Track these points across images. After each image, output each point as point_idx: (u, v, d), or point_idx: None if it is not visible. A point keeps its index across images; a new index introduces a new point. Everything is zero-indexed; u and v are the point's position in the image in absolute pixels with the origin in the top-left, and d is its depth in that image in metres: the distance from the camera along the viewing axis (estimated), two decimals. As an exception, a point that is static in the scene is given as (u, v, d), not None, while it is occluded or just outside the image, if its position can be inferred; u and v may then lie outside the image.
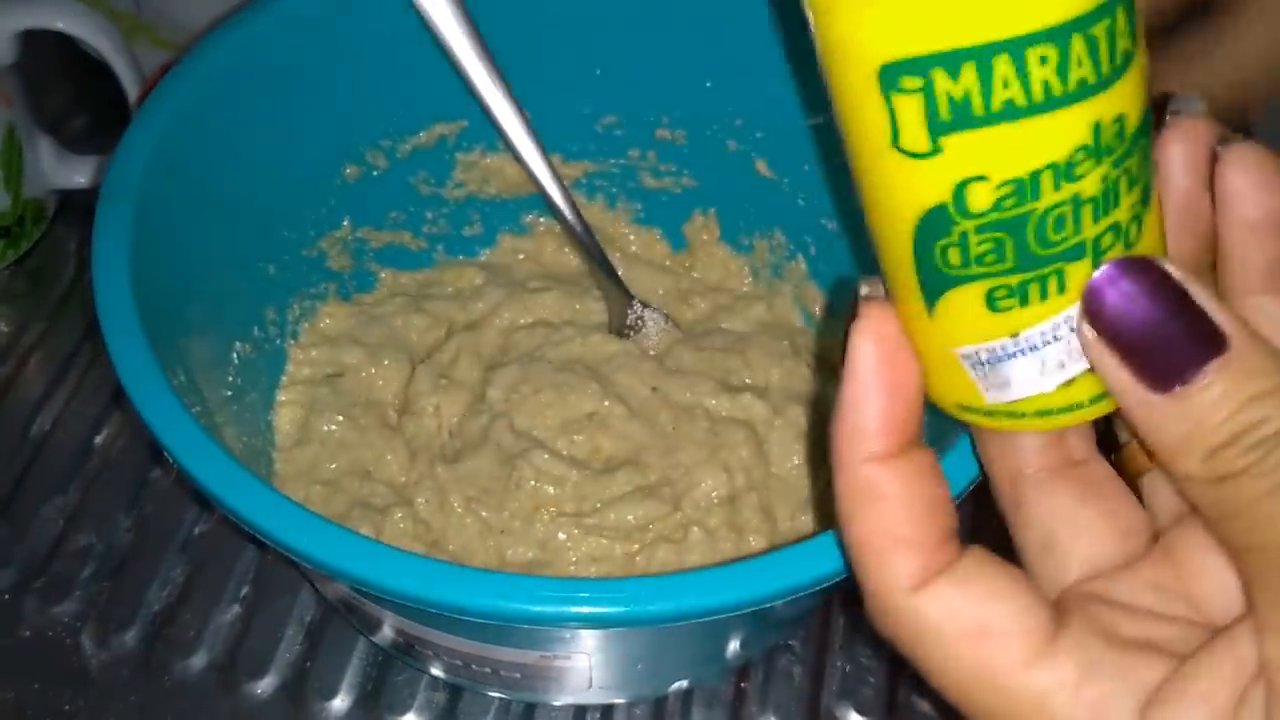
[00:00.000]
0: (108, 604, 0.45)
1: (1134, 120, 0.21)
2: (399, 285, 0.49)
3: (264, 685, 0.43)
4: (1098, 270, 0.21)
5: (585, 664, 0.37)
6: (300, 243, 0.45)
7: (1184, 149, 0.23)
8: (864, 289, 0.23)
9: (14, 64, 0.50)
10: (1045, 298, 0.22)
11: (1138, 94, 0.21)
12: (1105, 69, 0.20)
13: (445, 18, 0.41)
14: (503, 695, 0.42)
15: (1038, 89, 0.20)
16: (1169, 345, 0.20)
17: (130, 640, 0.44)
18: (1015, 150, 0.21)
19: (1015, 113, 0.20)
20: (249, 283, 0.42)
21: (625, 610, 0.27)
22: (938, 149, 0.21)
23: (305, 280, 0.46)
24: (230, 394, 0.40)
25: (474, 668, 0.37)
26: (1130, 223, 0.22)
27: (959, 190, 0.21)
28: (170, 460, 0.30)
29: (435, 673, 0.41)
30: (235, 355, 0.41)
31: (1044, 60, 0.20)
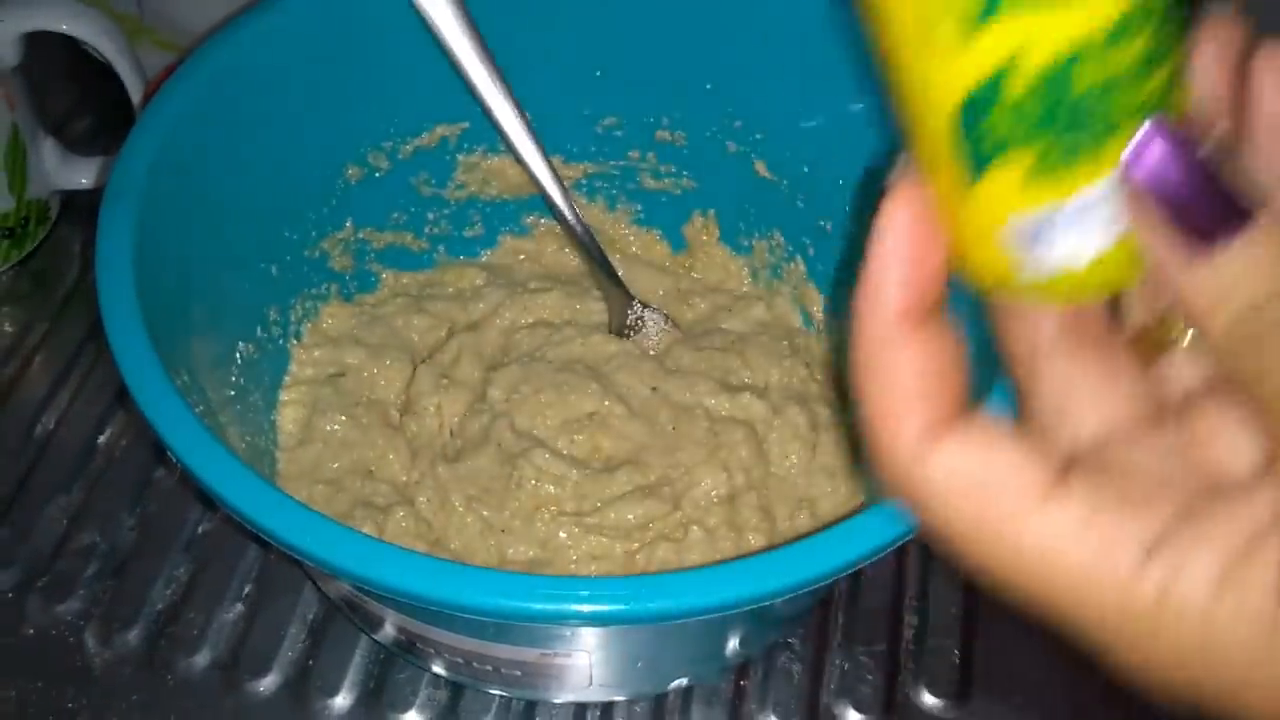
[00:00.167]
0: (111, 603, 0.45)
1: None
2: (400, 286, 0.49)
3: (267, 683, 0.43)
4: (1143, 128, 0.21)
5: (586, 662, 0.37)
6: (302, 243, 0.45)
7: (1216, 47, 0.23)
8: (898, 169, 0.24)
9: (18, 66, 0.50)
10: (1090, 163, 0.22)
11: None
12: None
13: (446, 19, 0.41)
14: (504, 693, 0.42)
15: None
16: (1211, 205, 0.21)
17: (133, 639, 0.44)
18: (1065, 16, 0.21)
19: None
20: (252, 283, 0.43)
21: (625, 608, 0.28)
22: (990, 17, 0.21)
23: (307, 281, 0.46)
24: (233, 394, 0.40)
25: (475, 665, 0.37)
26: (1172, 86, 0.22)
27: (1010, 59, 0.21)
28: (173, 460, 0.30)
29: (437, 670, 0.42)
30: (238, 355, 0.41)
31: None
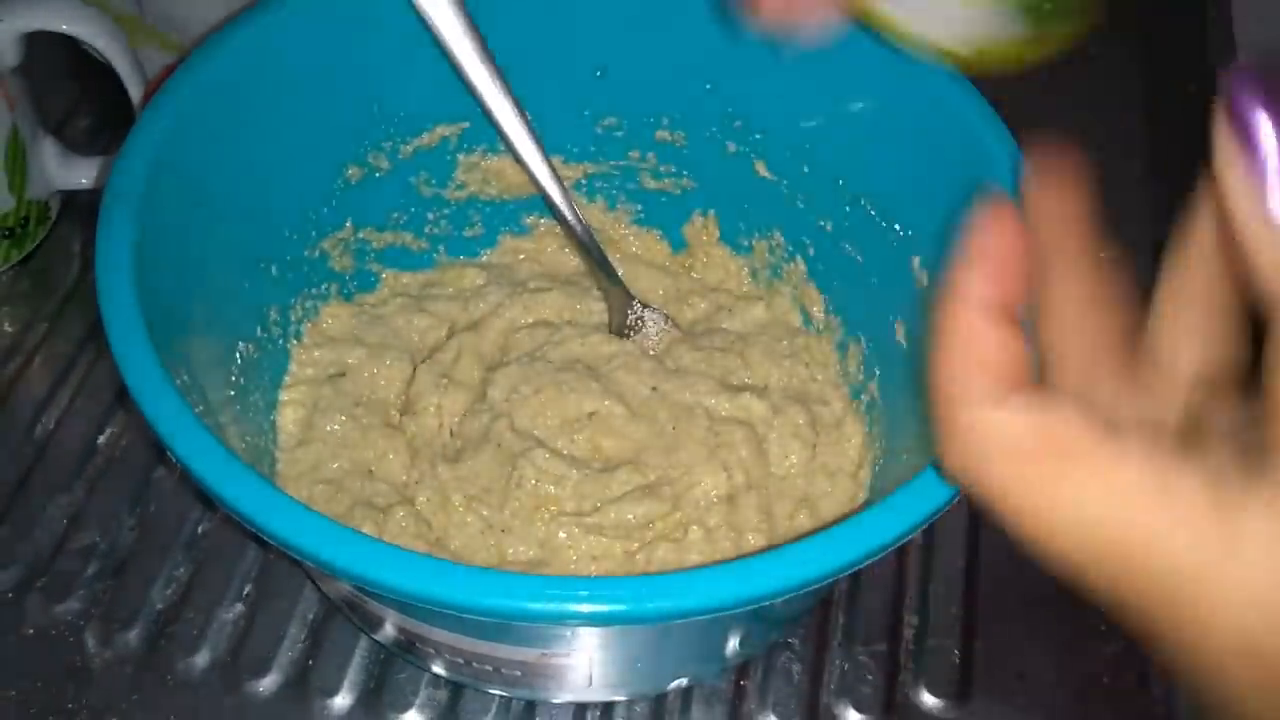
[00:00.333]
0: (111, 602, 0.45)
1: None
2: (401, 285, 0.49)
3: (266, 683, 0.43)
4: (1242, 75, 0.22)
5: (585, 662, 0.37)
6: (302, 243, 0.45)
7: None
8: (993, 197, 0.26)
9: (18, 65, 0.50)
10: None
11: None
12: None
13: (446, 19, 0.41)
14: (503, 693, 0.42)
15: None
16: None
17: (133, 639, 0.44)
18: None
19: None
20: (252, 283, 0.43)
21: (625, 608, 0.28)
22: None
23: (308, 281, 0.46)
24: (233, 394, 0.40)
25: (475, 665, 0.37)
26: None
27: None
28: (173, 459, 0.30)
29: (437, 670, 0.42)
30: (238, 355, 0.41)
31: None
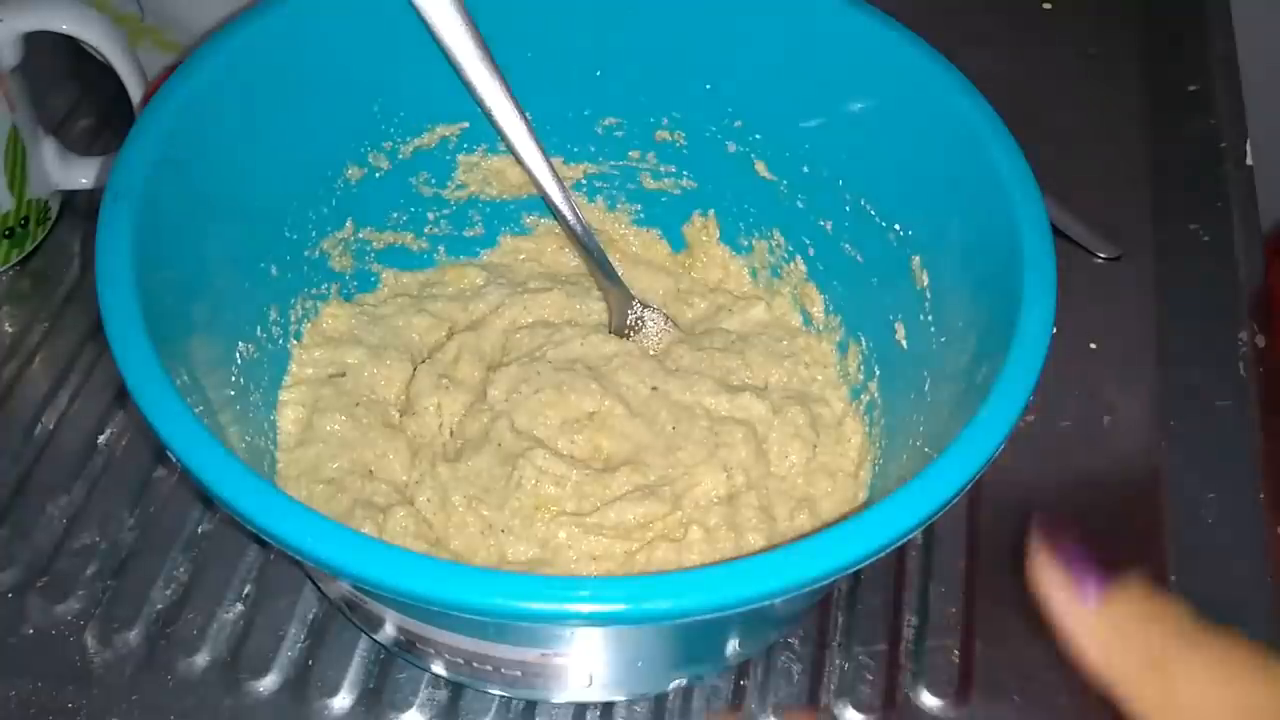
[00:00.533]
0: (111, 602, 0.45)
1: None
2: (401, 285, 0.49)
3: (266, 683, 0.43)
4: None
5: (585, 662, 0.37)
6: (302, 243, 0.45)
7: None
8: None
9: (18, 66, 0.50)
10: None
11: None
12: None
13: (446, 19, 0.41)
14: (504, 693, 0.42)
15: None
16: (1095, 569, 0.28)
17: (133, 638, 0.44)
18: None
19: None
20: (251, 283, 0.43)
21: (625, 608, 0.28)
22: None
23: (307, 280, 0.46)
24: (233, 393, 0.40)
25: (475, 665, 0.37)
26: None
27: None
28: (173, 459, 0.30)
29: (437, 670, 0.42)
30: (238, 355, 0.41)
31: None
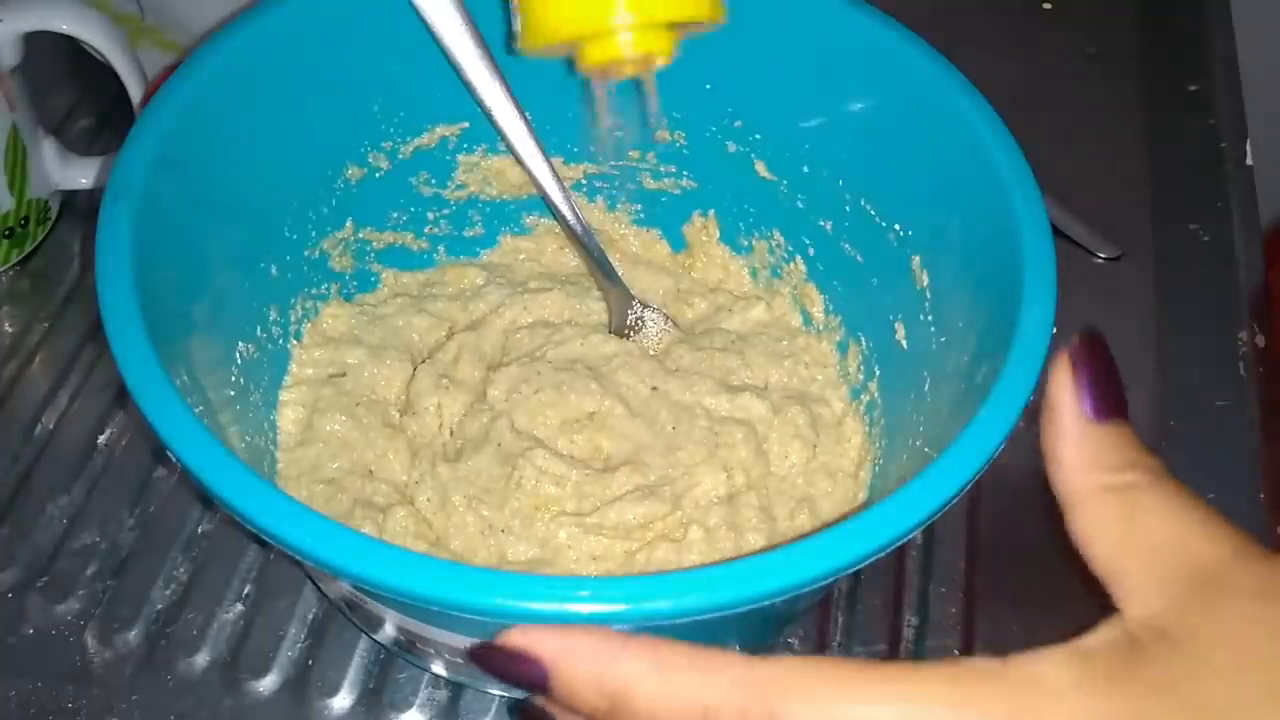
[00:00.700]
0: (111, 602, 0.45)
1: None
2: (401, 285, 0.49)
3: (266, 683, 0.43)
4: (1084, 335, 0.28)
5: (585, 662, 0.37)
6: (302, 243, 0.45)
7: None
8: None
9: (17, 65, 0.50)
10: None
11: None
12: None
13: (446, 19, 0.41)
14: (504, 693, 0.42)
15: None
16: (1112, 390, 0.27)
17: (133, 638, 0.44)
18: None
19: None
20: (251, 283, 0.43)
21: (625, 608, 0.28)
22: None
23: (307, 280, 0.46)
24: (233, 394, 0.40)
25: (475, 666, 0.37)
26: None
27: None
28: (173, 459, 0.30)
29: (437, 670, 0.42)
30: (238, 355, 0.41)
31: None
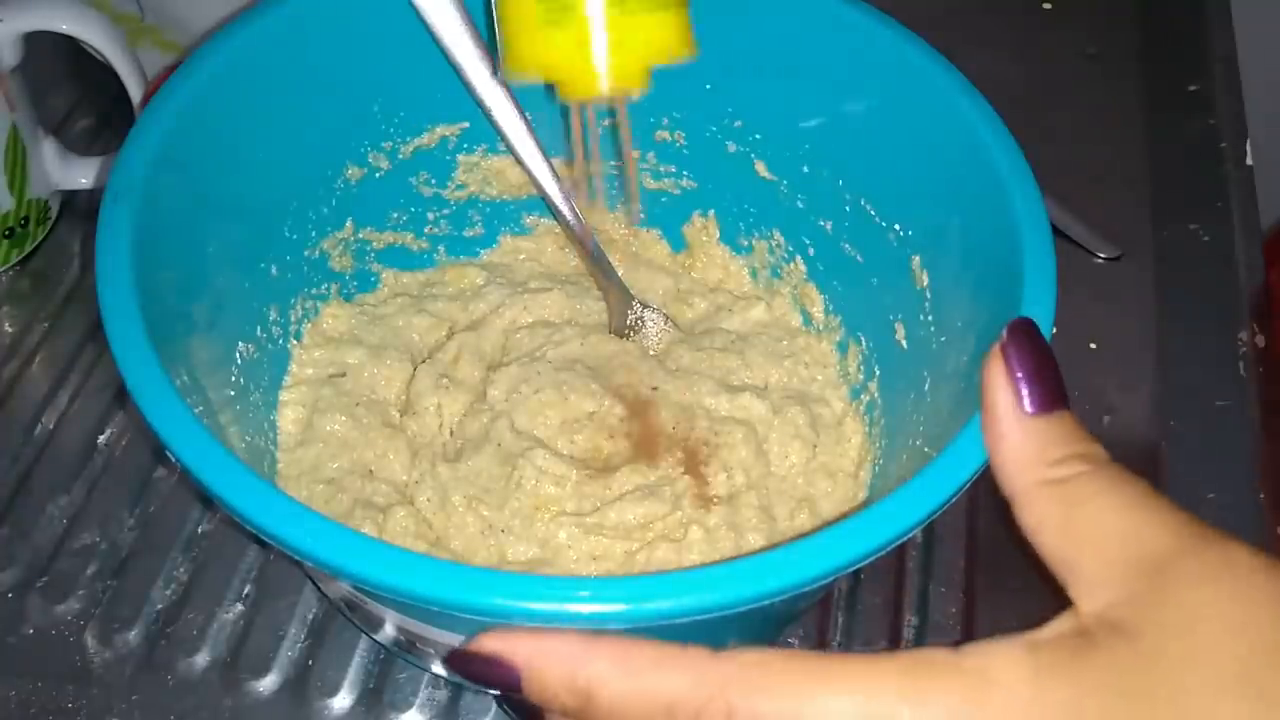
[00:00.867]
0: (111, 602, 0.45)
1: None
2: (401, 285, 0.49)
3: (266, 683, 0.43)
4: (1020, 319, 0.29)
5: (585, 662, 0.37)
6: (302, 243, 0.45)
7: None
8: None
9: (18, 66, 0.50)
10: None
11: None
12: None
13: (446, 19, 0.41)
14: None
15: None
16: (1050, 384, 0.28)
17: (133, 638, 0.44)
18: None
19: None
20: (251, 283, 0.43)
21: (625, 608, 0.28)
22: None
23: (308, 281, 0.46)
24: (233, 394, 0.40)
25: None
26: None
27: None
28: (173, 460, 0.30)
29: (437, 670, 0.41)
30: (238, 355, 0.41)
31: None
